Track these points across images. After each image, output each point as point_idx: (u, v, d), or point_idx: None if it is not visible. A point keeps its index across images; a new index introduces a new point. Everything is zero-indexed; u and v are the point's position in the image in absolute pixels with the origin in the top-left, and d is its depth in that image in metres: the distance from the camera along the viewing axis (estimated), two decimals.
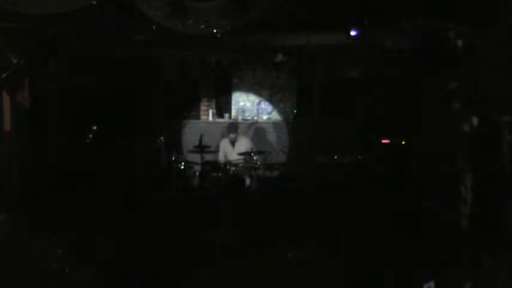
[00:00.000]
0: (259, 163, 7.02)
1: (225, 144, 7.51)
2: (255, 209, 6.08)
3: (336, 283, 3.98)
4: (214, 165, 7.10)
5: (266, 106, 8.84)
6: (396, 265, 4.20)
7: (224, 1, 5.49)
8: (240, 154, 7.06)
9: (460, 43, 5.54)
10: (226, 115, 8.76)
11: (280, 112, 8.79)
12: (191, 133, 8.38)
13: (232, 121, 8.40)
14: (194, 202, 6.50)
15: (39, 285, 3.86)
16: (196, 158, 7.12)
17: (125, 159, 7.32)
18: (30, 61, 6.28)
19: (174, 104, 8.65)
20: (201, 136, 6.95)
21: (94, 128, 7.23)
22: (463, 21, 5.53)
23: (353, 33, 6.57)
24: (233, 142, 7.43)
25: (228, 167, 6.88)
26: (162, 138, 7.46)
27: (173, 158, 7.07)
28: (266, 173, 7.17)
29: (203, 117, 8.89)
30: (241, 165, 6.99)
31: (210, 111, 8.83)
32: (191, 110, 8.88)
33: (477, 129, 5.25)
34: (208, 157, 7.30)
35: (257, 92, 8.84)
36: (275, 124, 8.65)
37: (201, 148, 6.97)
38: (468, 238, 4.99)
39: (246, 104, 8.88)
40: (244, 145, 7.36)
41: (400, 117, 7.08)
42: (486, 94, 5.17)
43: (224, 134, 7.85)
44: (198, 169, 7.09)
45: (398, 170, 6.66)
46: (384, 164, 6.94)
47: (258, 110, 8.83)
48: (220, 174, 6.87)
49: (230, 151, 7.36)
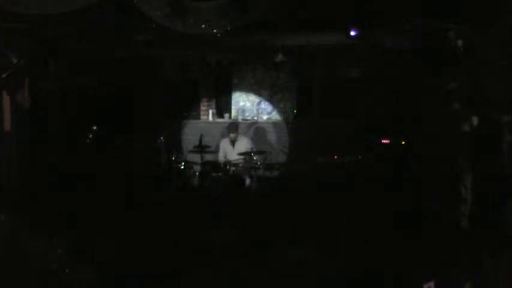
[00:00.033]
0: (259, 163, 7.02)
1: (225, 144, 7.50)
2: (255, 209, 6.08)
3: (336, 283, 3.98)
4: (214, 165, 7.10)
5: (266, 106, 8.84)
6: (396, 265, 4.20)
7: (224, 1, 5.49)
8: (240, 154, 7.06)
9: (460, 43, 5.54)
10: (226, 115, 8.76)
11: (280, 112, 8.78)
12: (191, 133, 8.38)
13: (232, 121, 8.39)
14: (194, 202, 6.50)
15: (39, 285, 3.86)
16: (196, 158, 7.12)
17: (125, 159, 7.32)
18: (30, 61, 6.28)
19: (174, 104, 8.65)
20: (201, 136, 6.95)
21: (94, 128, 7.23)
22: (463, 21, 5.53)
23: (353, 33, 6.57)
24: (233, 142, 7.43)
25: (228, 167, 6.88)
26: (162, 138, 7.46)
27: (173, 158, 7.07)
28: (266, 173, 7.17)
29: (203, 117, 8.89)
30: (241, 165, 6.99)
31: (210, 111, 8.83)
32: (191, 110, 8.88)
33: (477, 129, 5.25)
34: (208, 157, 7.30)
35: (257, 92, 8.84)
36: (275, 124, 8.65)
37: (201, 148, 6.97)
38: (468, 238, 4.99)
39: (246, 104, 8.88)
40: (244, 145, 7.35)
41: (400, 117, 7.07)
42: (486, 94, 5.17)
43: (224, 134, 7.85)
44: (198, 169, 7.09)
45: (398, 170, 6.65)
46: (384, 164, 6.93)
47: (258, 110, 8.83)
48: (220, 174, 6.88)
49: (230, 151, 7.36)
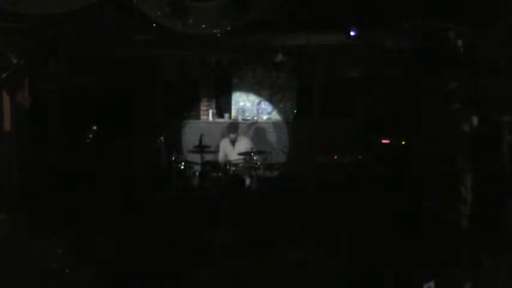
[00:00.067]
0: (259, 163, 7.01)
1: (225, 144, 7.50)
2: (255, 209, 6.07)
3: (336, 283, 3.98)
4: (214, 165, 7.10)
5: (266, 106, 8.84)
6: (396, 265, 4.20)
7: (224, 1, 5.50)
8: (240, 154, 7.06)
9: (460, 43, 5.54)
10: (226, 115, 8.75)
11: (280, 112, 8.78)
12: (191, 133, 8.37)
13: (232, 121, 8.39)
14: (194, 202, 6.50)
15: (39, 285, 3.86)
16: (196, 158, 7.12)
17: (125, 159, 7.31)
18: (30, 61, 6.28)
19: (174, 104, 8.65)
20: (201, 136, 6.95)
21: (94, 128, 7.23)
22: (463, 21, 5.53)
23: (353, 33, 6.57)
24: (233, 142, 7.43)
25: (228, 167, 6.88)
26: (162, 138, 7.45)
27: (173, 158, 7.07)
28: (266, 173, 7.16)
29: (203, 117, 8.88)
30: (241, 165, 6.99)
31: (210, 111, 8.83)
32: (191, 110, 8.88)
33: (477, 129, 5.25)
34: (208, 157, 7.30)
35: (257, 92, 8.83)
36: (275, 124, 8.64)
37: (201, 148, 6.97)
38: (468, 238, 4.99)
39: (246, 104, 8.88)
40: (244, 145, 7.35)
41: (400, 117, 7.07)
42: (486, 94, 5.17)
43: (224, 134, 7.85)
44: (198, 169, 7.09)
45: (398, 170, 6.65)
46: (384, 164, 6.93)
47: (258, 110, 8.82)
48: (220, 174, 6.87)
49: (230, 151, 7.36)
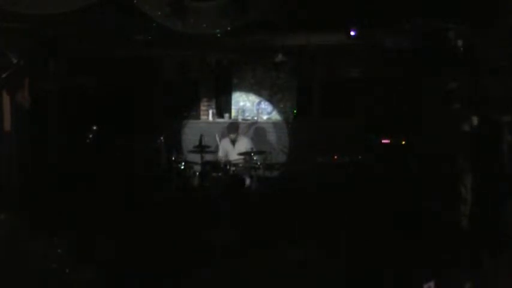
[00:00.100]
0: (259, 163, 7.01)
1: (225, 143, 7.50)
2: (255, 209, 6.07)
3: (336, 283, 3.98)
4: (214, 165, 7.10)
5: (266, 106, 8.84)
6: (396, 265, 4.20)
7: (224, 1, 5.49)
8: (240, 154, 7.06)
9: (460, 43, 5.54)
10: (226, 115, 8.76)
11: (280, 112, 8.78)
12: (191, 133, 8.37)
13: (232, 121, 8.39)
14: (194, 202, 6.50)
15: (39, 285, 3.86)
16: (196, 158, 7.12)
17: (125, 159, 7.31)
18: (30, 61, 6.28)
19: (174, 104, 8.65)
20: (201, 136, 6.95)
21: (94, 128, 7.23)
22: (463, 21, 5.53)
23: (353, 33, 6.57)
24: (233, 142, 7.42)
25: (228, 167, 6.88)
26: (162, 138, 7.45)
27: (173, 158, 7.07)
28: (266, 173, 7.16)
29: (203, 117, 8.88)
30: (241, 165, 6.99)
31: (210, 111, 8.83)
32: (191, 110, 8.88)
33: (477, 129, 5.25)
34: (208, 157, 7.30)
35: (257, 92, 8.83)
36: (275, 124, 8.64)
37: (201, 148, 6.97)
38: (468, 238, 4.99)
39: (246, 104, 8.88)
40: (244, 145, 7.35)
41: (400, 117, 7.07)
42: (486, 94, 5.17)
43: (224, 134, 7.85)
44: (198, 169, 7.09)
45: (398, 170, 6.65)
46: (384, 164, 6.93)
47: (258, 110, 8.82)
48: (220, 174, 6.87)
49: (230, 151, 7.36)
